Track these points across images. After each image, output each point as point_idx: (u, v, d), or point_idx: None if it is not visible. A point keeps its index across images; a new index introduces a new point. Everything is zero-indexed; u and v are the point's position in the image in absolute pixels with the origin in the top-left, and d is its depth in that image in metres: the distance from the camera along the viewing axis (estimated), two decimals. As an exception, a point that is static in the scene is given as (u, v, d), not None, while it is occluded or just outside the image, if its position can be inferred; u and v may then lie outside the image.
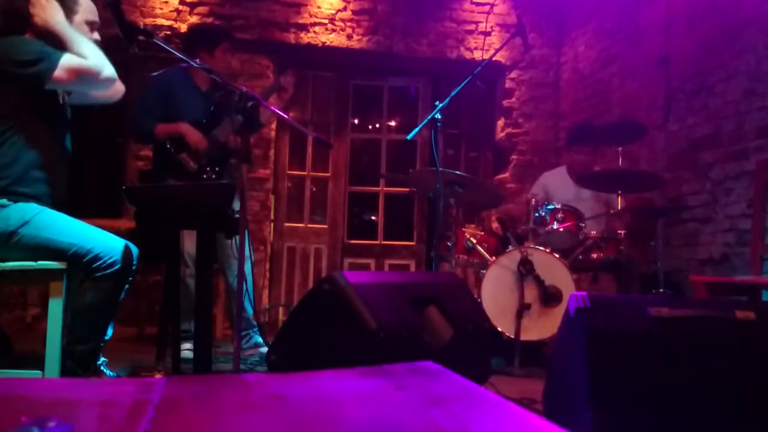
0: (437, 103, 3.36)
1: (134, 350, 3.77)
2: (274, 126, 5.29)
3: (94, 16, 2.53)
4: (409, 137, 3.56)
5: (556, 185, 4.34)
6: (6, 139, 2.36)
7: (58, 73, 2.30)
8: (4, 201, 2.34)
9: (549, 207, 3.81)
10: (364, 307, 2.22)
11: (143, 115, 3.52)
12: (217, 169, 3.51)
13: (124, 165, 5.32)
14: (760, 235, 3.52)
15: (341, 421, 1.14)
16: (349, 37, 5.49)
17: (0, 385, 1.42)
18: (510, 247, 3.76)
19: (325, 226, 5.78)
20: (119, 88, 2.63)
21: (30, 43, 2.35)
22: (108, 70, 2.39)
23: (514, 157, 5.76)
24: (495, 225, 4.37)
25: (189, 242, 3.28)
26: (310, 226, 5.75)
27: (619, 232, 3.82)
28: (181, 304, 2.67)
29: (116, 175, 5.35)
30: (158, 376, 2.42)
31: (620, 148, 3.79)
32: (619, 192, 3.68)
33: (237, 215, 2.43)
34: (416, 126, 3.66)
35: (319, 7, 5.46)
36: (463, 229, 3.96)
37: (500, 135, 5.84)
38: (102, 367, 2.53)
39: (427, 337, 2.45)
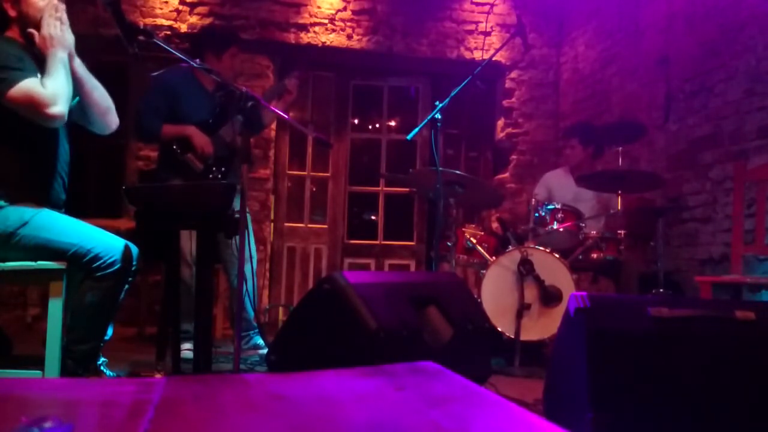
0: (437, 103, 3.36)
1: (134, 350, 3.77)
2: (274, 126, 5.28)
3: None
4: (409, 137, 3.56)
5: (558, 184, 4.35)
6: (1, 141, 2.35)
7: (13, 92, 2.22)
8: (1, 203, 2.33)
9: (549, 207, 3.82)
10: (364, 307, 2.22)
11: (148, 115, 3.50)
12: (223, 168, 3.51)
13: (124, 165, 5.32)
14: (744, 235, 3.53)
15: (341, 421, 1.14)
16: (349, 37, 5.49)
17: (0, 385, 1.42)
18: (510, 247, 3.76)
19: (325, 226, 5.78)
20: (111, 122, 2.63)
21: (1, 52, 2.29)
22: (58, 108, 2.26)
23: (514, 157, 5.76)
24: (495, 225, 4.37)
25: (191, 242, 3.28)
26: (310, 226, 5.75)
27: (619, 232, 3.82)
28: (181, 304, 2.67)
29: (116, 175, 5.35)
30: (158, 376, 2.41)
31: (620, 148, 3.79)
32: (619, 192, 3.68)
33: (237, 215, 2.43)
34: (416, 126, 3.66)
35: (319, 7, 5.46)
36: (463, 229, 3.96)
37: (500, 135, 5.84)
38: (102, 367, 2.53)
39: (427, 337, 2.45)
